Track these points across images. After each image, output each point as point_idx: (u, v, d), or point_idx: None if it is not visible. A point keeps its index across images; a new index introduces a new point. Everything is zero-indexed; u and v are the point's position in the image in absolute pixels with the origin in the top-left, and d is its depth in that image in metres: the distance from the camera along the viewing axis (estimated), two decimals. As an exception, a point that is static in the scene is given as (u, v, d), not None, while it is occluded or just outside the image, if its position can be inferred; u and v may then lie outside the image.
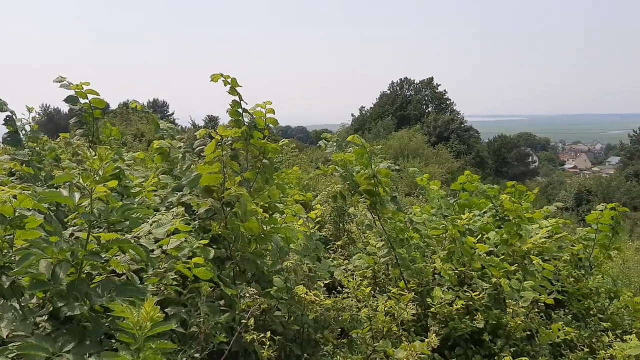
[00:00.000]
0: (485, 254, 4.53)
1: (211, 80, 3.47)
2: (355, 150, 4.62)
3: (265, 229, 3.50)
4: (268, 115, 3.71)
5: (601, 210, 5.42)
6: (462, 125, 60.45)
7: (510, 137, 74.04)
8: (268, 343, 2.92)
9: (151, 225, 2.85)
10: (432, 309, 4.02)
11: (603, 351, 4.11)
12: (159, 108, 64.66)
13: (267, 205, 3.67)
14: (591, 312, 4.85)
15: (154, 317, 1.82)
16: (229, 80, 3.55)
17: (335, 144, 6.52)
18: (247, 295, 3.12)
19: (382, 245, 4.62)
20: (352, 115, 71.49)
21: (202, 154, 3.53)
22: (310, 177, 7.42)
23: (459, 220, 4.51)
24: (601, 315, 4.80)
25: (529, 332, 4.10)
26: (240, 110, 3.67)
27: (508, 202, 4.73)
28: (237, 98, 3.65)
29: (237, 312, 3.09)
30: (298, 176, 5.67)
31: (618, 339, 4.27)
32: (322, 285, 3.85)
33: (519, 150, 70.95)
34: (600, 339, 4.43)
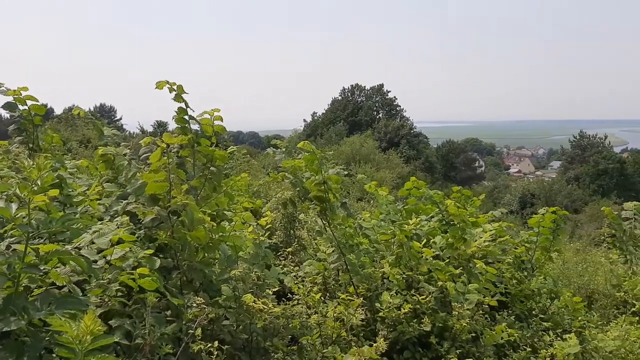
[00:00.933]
0: (431, 258, 4.63)
1: (156, 88, 3.42)
2: (305, 157, 4.63)
3: (213, 237, 3.48)
4: (216, 122, 3.69)
5: (543, 214, 5.64)
6: (412, 131, 61.53)
7: (458, 142, 75.94)
8: (216, 353, 2.90)
9: (92, 235, 2.78)
10: (381, 314, 4.07)
11: (544, 350, 4.28)
12: (106, 113, 62.98)
13: (215, 213, 3.63)
14: (533, 312, 5.02)
15: (95, 330, 1.78)
16: (175, 87, 3.50)
17: (284, 150, 6.53)
18: (195, 304, 3.08)
19: (332, 251, 4.65)
20: (305, 120, 71.66)
21: (148, 162, 3.47)
22: (260, 184, 7.38)
23: (406, 226, 4.59)
24: (542, 316, 4.98)
25: (474, 334, 4.21)
26: (186, 117, 3.62)
27: (453, 207, 4.85)
28: (183, 105, 3.60)
29: (184, 322, 3.05)
30: (247, 183, 5.64)
31: (559, 338, 4.44)
32: (272, 292, 3.85)
33: (466, 155, 72.84)
34: (542, 338, 4.60)
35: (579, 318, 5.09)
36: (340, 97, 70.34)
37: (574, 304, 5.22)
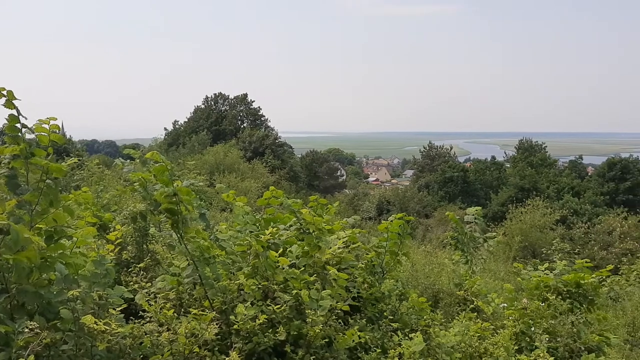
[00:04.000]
0: (288, 267, 4.69)
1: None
2: (154, 168, 4.45)
3: (52, 255, 3.21)
4: (53, 132, 3.41)
5: (391, 221, 5.97)
6: (277, 141, 62.15)
7: (321, 152, 78.07)
8: (51, 381, 2.67)
9: None
10: (236, 326, 4.03)
11: (393, 350, 4.53)
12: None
13: (53, 229, 3.35)
14: (384, 314, 5.29)
15: None
16: (5, 92, 3.18)
17: (138, 160, 6.23)
18: (27, 329, 2.81)
19: (187, 265, 4.52)
20: (166, 129, 69.19)
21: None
22: (110, 196, 6.94)
23: (262, 236, 4.60)
24: (392, 317, 5.26)
25: (327, 339, 4.32)
26: (19, 125, 3.31)
27: (308, 215, 4.96)
28: (15, 112, 3.28)
29: (14, 350, 2.77)
30: (92, 197, 5.27)
31: (406, 337, 4.72)
32: (120, 311, 3.64)
33: (328, 164, 75.09)
34: (391, 338, 4.86)
35: (425, 317, 5.45)
36: (203, 106, 69.06)
37: (420, 304, 5.59)
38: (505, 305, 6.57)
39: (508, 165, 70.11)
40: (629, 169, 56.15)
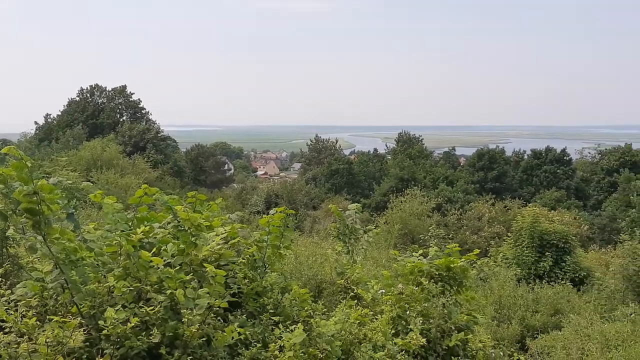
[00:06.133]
0: (163, 266, 4.51)
1: None
2: (13, 164, 4.09)
3: None
4: None
5: (272, 214, 5.98)
6: (159, 135, 59.88)
7: (207, 146, 76.46)
8: None
9: None
10: (105, 331, 3.81)
11: (274, 344, 4.54)
12: None
13: None
14: (267, 308, 5.28)
15: None
16: None
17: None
18: None
19: (51, 269, 4.20)
20: (36, 123, 63.99)
21: None
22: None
23: (133, 235, 4.39)
24: (274, 310, 5.27)
25: (205, 338, 4.23)
26: None
27: (182, 212, 4.81)
28: None
29: None
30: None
31: (288, 330, 4.75)
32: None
33: (215, 159, 73.79)
34: (273, 332, 4.87)
35: (306, 308, 5.52)
36: (78, 98, 64.77)
37: (301, 296, 5.65)
38: (384, 291, 6.84)
39: (389, 157, 73.37)
40: (496, 159, 61.33)
